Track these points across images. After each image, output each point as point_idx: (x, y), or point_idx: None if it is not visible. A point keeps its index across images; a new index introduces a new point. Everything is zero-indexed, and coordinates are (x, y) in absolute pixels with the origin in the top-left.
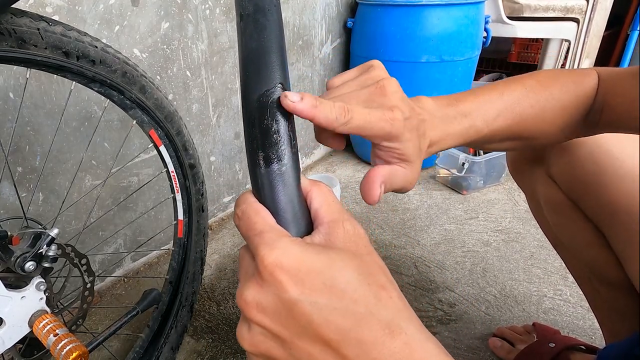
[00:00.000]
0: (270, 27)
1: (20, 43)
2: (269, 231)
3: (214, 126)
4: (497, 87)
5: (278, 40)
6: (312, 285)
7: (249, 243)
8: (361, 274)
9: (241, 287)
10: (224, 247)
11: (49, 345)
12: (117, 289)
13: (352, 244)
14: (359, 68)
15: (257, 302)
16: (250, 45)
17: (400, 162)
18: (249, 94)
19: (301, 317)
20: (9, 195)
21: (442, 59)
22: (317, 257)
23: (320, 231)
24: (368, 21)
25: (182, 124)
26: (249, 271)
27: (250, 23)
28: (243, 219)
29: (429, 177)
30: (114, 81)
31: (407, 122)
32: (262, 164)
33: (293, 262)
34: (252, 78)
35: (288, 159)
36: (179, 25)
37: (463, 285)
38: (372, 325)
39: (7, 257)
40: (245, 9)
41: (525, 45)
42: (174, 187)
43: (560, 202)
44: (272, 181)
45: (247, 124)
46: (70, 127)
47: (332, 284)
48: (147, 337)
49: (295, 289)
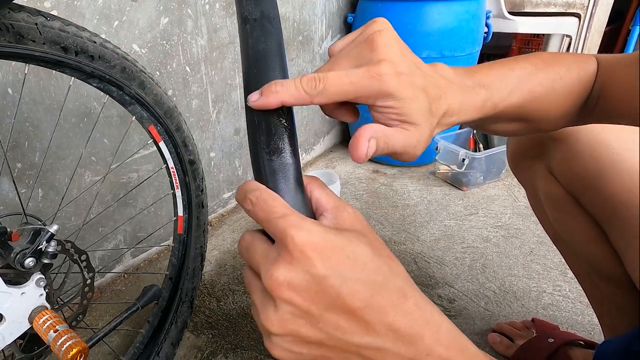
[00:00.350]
0: (275, 34)
1: (18, 38)
2: (292, 214)
3: (214, 122)
4: (506, 62)
5: (281, 46)
6: (337, 260)
7: (270, 226)
8: (373, 248)
9: (268, 270)
10: (224, 243)
11: (49, 341)
12: (117, 285)
13: (358, 224)
14: (361, 28)
15: (288, 281)
16: (257, 47)
17: (400, 123)
18: (253, 88)
19: (330, 290)
20: (8, 191)
21: (443, 55)
22: (337, 236)
23: (326, 217)
24: (368, 16)
25: (181, 120)
26: (271, 254)
27: (257, 27)
28: (259, 204)
29: (428, 173)
30: (113, 77)
31: (404, 78)
32: (266, 157)
33: (320, 241)
34: (257, 77)
35: (291, 151)
36: (178, 21)
37: (462, 281)
38: (390, 291)
39: (6, 253)
40: (251, 14)
41: (526, 41)
42: (173, 183)
43: (560, 197)
44: (278, 172)
45: (250, 121)
46: (70, 123)
47: (355, 258)
48: (148, 333)
49: (323, 264)
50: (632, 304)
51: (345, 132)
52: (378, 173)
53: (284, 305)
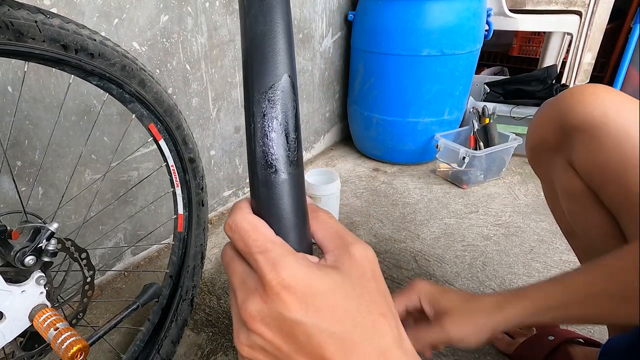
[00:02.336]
0: (277, 7)
1: (17, 36)
2: (272, 249)
3: (214, 120)
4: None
5: (286, 23)
6: (315, 307)
7: (249, 259)
8: (363, 301)
9: (243, 299)
10: (224, 241)
11: (50, 339)
12: (117, 282)
13: (358, 270)
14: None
15: (261, 317)
16: (255, 28)
17: None
18: (253, 87)
19: (302, 336)
20: (8, 189)
21: (444, 53)
22: (322, 280)
23: (327, 259)
24: (369, 14)
25: (181, 118)
26: (250, 283)
27: (255, 2)
28: (237, 233)
29: (429, 172)
30: (112, 74)
31: None
32: (260, 170)
33: (299, 283)
34: (257, 68)
35: (295, 164)
36: (178, 18)
37: (463, 279)
38: (368, 351)
39: (6, 251)
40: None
41: (527, 39)
42: (173, 181)
43: (578, 190)
44: (272, 191)
45: (250, 122)
46: (70, 121)
47: (335, 309)
48: (148, 331)
49: (299, 310)
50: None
51: (346, 131)
52: (378, 171)
53: (256, 336)
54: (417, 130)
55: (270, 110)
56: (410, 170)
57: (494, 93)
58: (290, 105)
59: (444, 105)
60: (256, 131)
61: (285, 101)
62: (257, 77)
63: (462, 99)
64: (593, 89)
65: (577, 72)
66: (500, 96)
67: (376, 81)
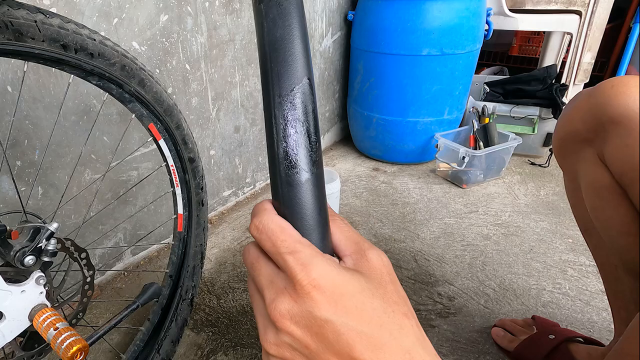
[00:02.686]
0: (294, 13)
1: (17, 36)
2: (301, 250)
3: (214, 120)
4: None
5: (302, 27)
6: (344, 306)
7: (278, 259)
8: (386, 302)
9: (272, 298)
10: (223, 241)
11: (49, 339)
12: (117, 282)
13: (377, 274)
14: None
15: (291, 315)
16: (274, 32)
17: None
18: (274, 90)
19: (331, 335)
20: (8, 189)
21: (444, 52)
22: (350, 281)
23: (345, 262)
24: (369, 14)
25: (181, 118)
26: (278, 283)
27: (273, 7)
28: (265, 233)
29: (429, 171)
30: (112, 74)
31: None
32: (284, 171)
33: (329, 283)
34: (277, 71)
35: (317, 164)
36: (178, 18)
37: (462, 279)
38: (395, 350)
39: (6, 251)
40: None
41: (527, 38)
42: (173, 181)
43: (605, 185)
44: (295, 191)
45: (272, 124)
46: (69, 121)
47: (363, 308)
48: (148, 331)
49: (329, 308)
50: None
51: (345, 130)
52: (378, 171)
53: (284, 335)
54: (416, 129)
55: (292, 112)
56: (410, 170)
57: (493, 93)
58: (311, 107)
59: (444, 104)
60: (279, 133)
61: (306, 103)
62: (279, 81)
63: (461, 98)
64: (636, 81)
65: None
66: (500, 96)
67: (376, 81)
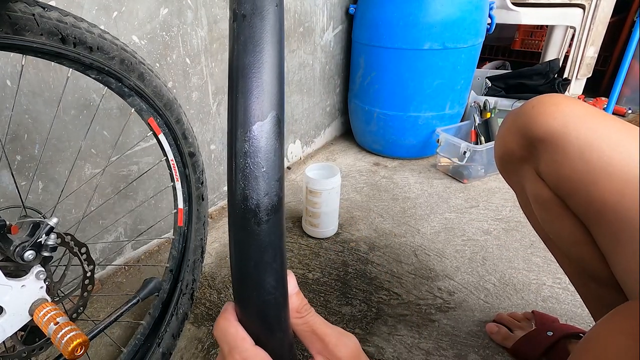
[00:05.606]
0: (268, 36)
1: (15, 29)
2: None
3: (214, 114)
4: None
5: (277, 54)
6: None
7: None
8: None
9: None
10: (224, 236)
11: (50, 333)
12: (117, 277)
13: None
14: None
15: None
16: (243, 58)
17: None
18: (237, 123)
19: None
20: (7, 184)
21: (445, 46)
22: None
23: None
24: (370, 7)
25: (181, 112)
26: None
27: (245, 28)
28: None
29: (429, 166)
30: (111, 68)
31: None
32: (245, 213)
33: None
34: (242, 104)
35: (275, 210)
36: (178, 11)
37: (462, 274)
38: None
39: (6, 246)
40: (240, 7)
41: (529, 32)
42: (173, 175)
43: (547, 199)
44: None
45: (232, 160)
46: (69, 115)
47: None
48: (148, 325)
49: None
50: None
51: (346, 125)
52: (379, 166)
53: None
54: (418, 124)
55: (251, 149)
56: (411, 165)
57: (495, 87)
58: (272, 145)
59: (445, 99)
60: (237, 169)
61: (268, 141)
62: (241, 114)
63: (463, 93)
64: (554, 99)
65: (580, 66)
66: (502, 90)
67: (377, 75)
